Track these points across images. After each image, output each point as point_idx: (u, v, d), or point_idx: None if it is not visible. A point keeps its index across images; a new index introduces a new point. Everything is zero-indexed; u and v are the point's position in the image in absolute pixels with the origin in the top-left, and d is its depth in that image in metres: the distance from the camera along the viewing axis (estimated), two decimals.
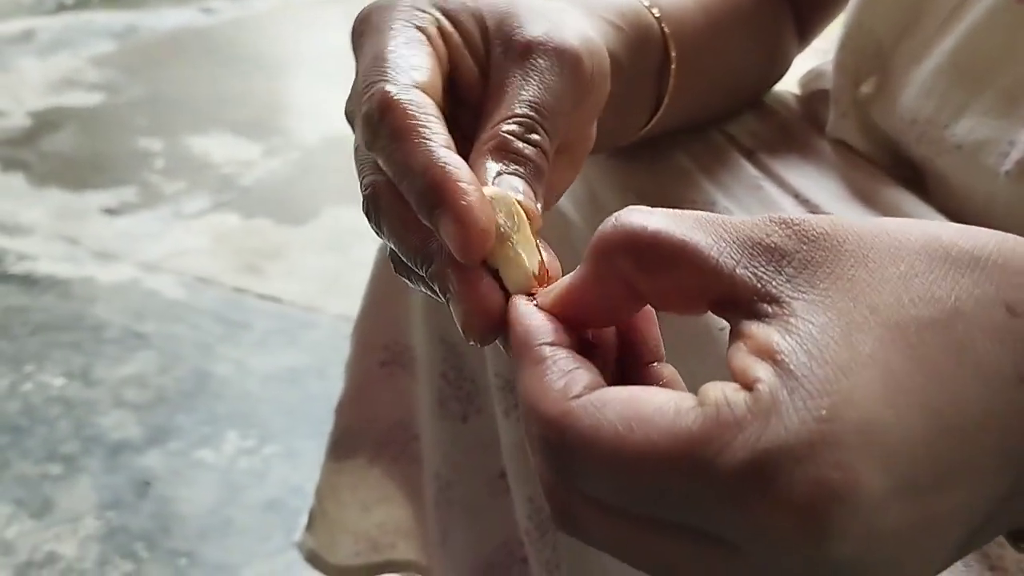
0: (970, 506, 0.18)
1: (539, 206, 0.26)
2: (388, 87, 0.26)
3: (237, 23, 2.92)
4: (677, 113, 0.43)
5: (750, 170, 0.46)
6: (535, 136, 0.27)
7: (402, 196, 0.25)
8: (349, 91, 0.29)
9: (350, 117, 0.29)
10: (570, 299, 0.22)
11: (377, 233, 0.28)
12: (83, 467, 1.02)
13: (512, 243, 0.24)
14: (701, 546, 0.18)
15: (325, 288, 1.46)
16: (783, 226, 0.19)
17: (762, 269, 0.19)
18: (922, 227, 0.20)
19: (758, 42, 0.48)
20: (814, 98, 0.53)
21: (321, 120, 2.11)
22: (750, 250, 0.19)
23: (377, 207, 0.27)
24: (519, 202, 0.25)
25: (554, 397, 0.19)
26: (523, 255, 0.24)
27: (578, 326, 0.22)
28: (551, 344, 0.21)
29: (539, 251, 0.25)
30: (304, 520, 0.68)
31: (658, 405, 0.18)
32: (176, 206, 1.72)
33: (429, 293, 0.27)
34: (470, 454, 0.57)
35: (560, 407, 0.19)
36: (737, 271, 0.19)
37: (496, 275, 0.24)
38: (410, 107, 0.25)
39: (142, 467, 1.03)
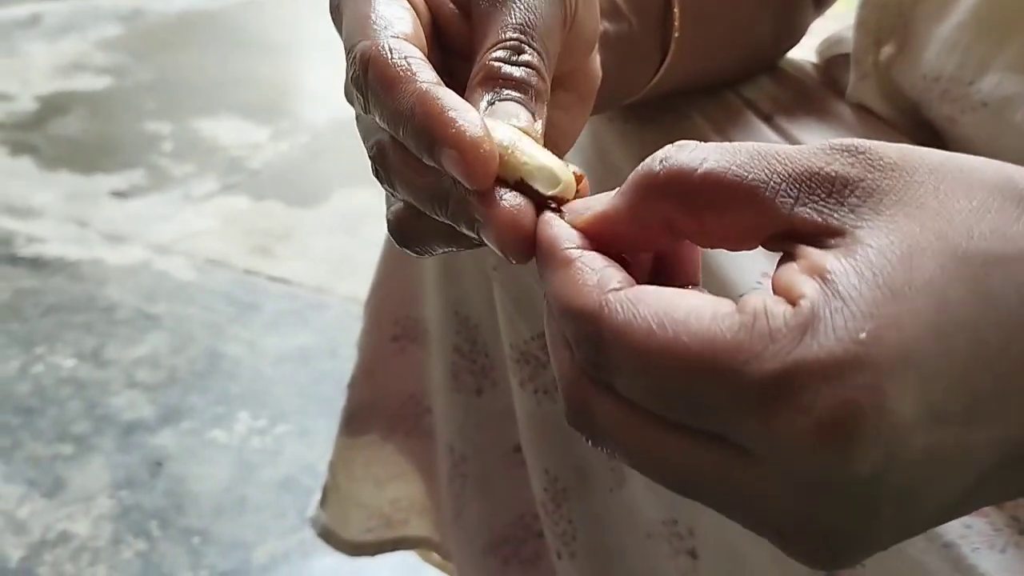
0: (996, 445, 0.18)
1: (539, 125, 0.25)
2: (365, 43, 0.25)
3: (245, 6, 2.90)
4: (685, 68, 0.42)
5: (769, 134, 0.45)
6: (524, 56, 0.26)
7: (405, 147, 0.25)
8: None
9: (349, 96, 0.28)
10: (602, 226, 0.21)
11: (391, 193, 0.27)
12: (95, 447, 1.02)
13: (521, 151, 0.23)
14: (719, 453, 0.18)
15: (335, 269, 1.46)
16: (846, 153, 0.19)
17: (823, 203, 0.18)
18: (996, 167, 0.19)
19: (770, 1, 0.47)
20: (833, 63, 0.52)
21: (329, 102, 2.10)
22: (808, 182, 0.18)
23: (384, 165, 0.26)
24: (519, 128, 0.24)
25: (589, 291, 0.19)
26: (537, 155, 0.23)
27: (606, 250, 0.21)
28: (579, 247, 0.21)
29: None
30: (317, 496, 0.68)
31: (693, 306, 0.18)
32: (185, 189, 1.71)
33: (445, 248, 0.27)
34: (484, 428, 0.56)
35: (596, 299, 0.19)
36: (796, 209, 0.18)
37: (522, 188, 0.23)
38: (392, 56, 0.24)
39: (155, 446, 1.03)
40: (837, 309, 0.16)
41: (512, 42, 0.26)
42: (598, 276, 0.19)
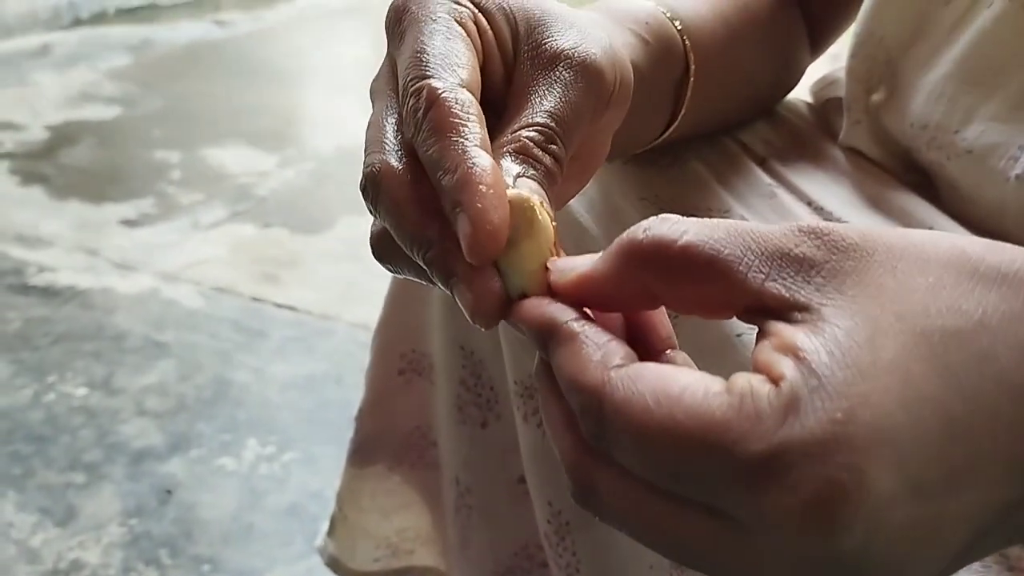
0: (977, 511, 0.18)
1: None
2: (435, 83, 0.26)
3: (251, 36, 2.95)
4: (692, 122, 0.44)
5: (763, 177, 0.47)
6: (553, 147, 0.28)
7: (409, 182, 0.26)
8: (376, 74, 0.30)
9: (374, 96, 0.29)
10: (584, 286, 0.23)
11: (371, 211, 0.28)
12: (106, 475, 1.03)
13: (519, 250, 0.25)
14: (713, 523, 0.19)
15: (341, 296, 1.48)
16: (812, 236, 0.20)
17: (791, 280, 0.19)
18: (950, 240, 0.20)
19: (773, 52, 0.49)
20: (827, 106, 0.54)
21: (335, 131, 2.13)
22: (779, 261, 0.20)
23: (377, 187, 0.27)
24: (540, 204, 0.25)
25: (594, 367, 0.20)
26: (527, 261, 0.24)
27: (584, 306, 0.23)
28: (579, 320, 0.22)
29: (553, 252, 0.25)
30: (325, 526, 0.69)
31: (687, 384, 0.19)
32: (193, 217, 1.74)
33: (414, 277, 0.28)
34: (489, 460, 0.57)
35: (600, 376, 0.20)
36: (766, 284, 0.20)
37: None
38: (455, 106, 0.26)
39: (164, 474, 1.04)
40: (814, 388, 0.17)
41: (546, 130, 0.27)
42: (602, 353, 0.21)
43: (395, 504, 0.66)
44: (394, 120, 0.28)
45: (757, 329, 0.20)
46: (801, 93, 0.56)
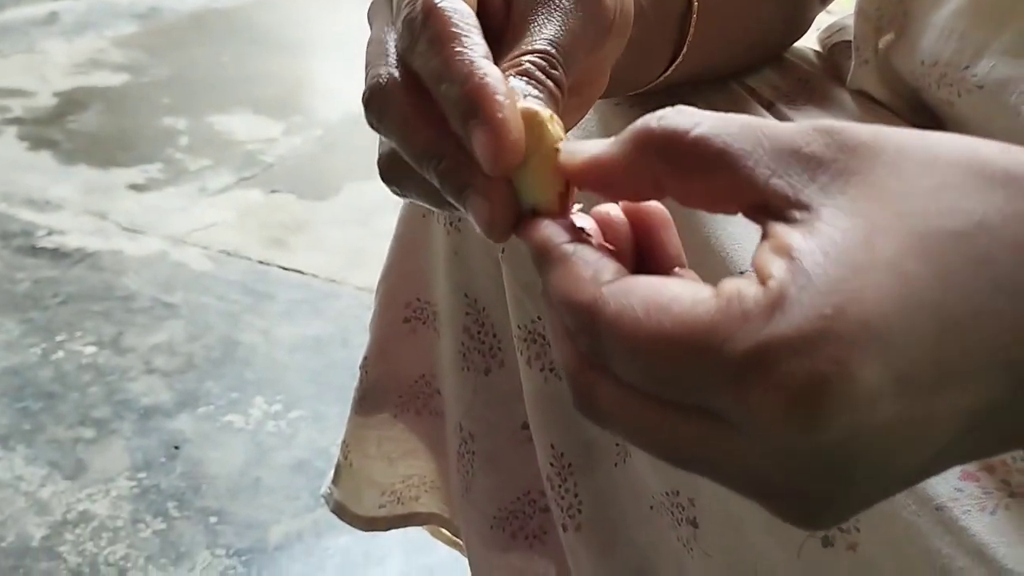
0: (965, 411, 0.18)
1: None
2: None
3: (258, 4, 2.93)
4: (695, 63, 0.44)
5: (770, 121, 0.47)
6: (555, 72, 0.28)
7: (414, 93, 0.26)
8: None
9: (372, 17, 0.29)
10: (593, 169, 0.23)
11: (374, 126, 0.27)
12: (115, 430, 1.05)
13: (529, 164, 0.24)
14: (704, 426, 0.19)
15: (347, 261, 1.48)
16: (823, 134, 0.20)
17: (796, 178, 0.19)
18: (964, 142, 0.20)
19: None
20: (835, 51, 0.53)
21: (342, 98, 2.12)
22: (787, 158, 0.20)
23: (384, 98, 0.27)
24: (550, 117, 0.25)
25: (585, 284, 0.20)
26: (537, 175, 0.24)
27: (590, 190, 0.22)
28: (571, 242, 0.22)
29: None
30: (330, 474, 0.70)
31: (675, 294, 0.19)
32: (201, 182, 1.74)
33: (422, 200, 0.28)
34: (492, 407, 0.58)
35: (591, 292, 0.20)
36: (771, 181, 0.20)
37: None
38: (453, 16, 0.25)
39: (172, 430, 1.05)
40: (803, 287, 0.17)
41: (548, 56, 0.27)
42: (592, 270, 0.21)
43: (400, 451, 0.67)
44: (395, 36, 0.28)
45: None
46: (809, 43, 0.55)
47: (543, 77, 0.27)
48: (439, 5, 0.26)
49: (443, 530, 0.79)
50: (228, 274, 1.42)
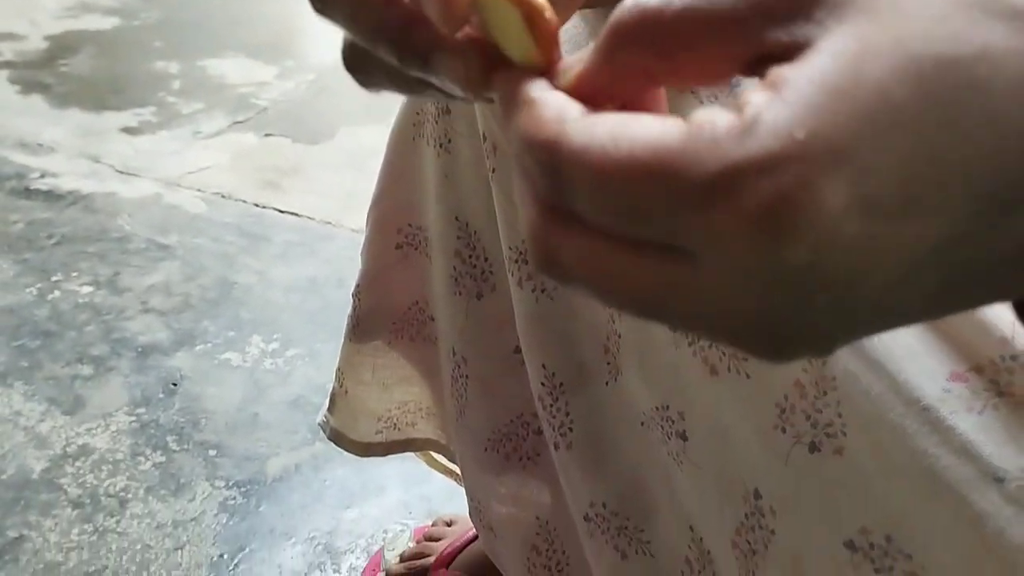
0: (933, 240, 0.18)
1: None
2: None
3: None
4: None
5: None
6: None
7: None
8: None
9: None
10: (584, 83, 0.22)
11: (325, 16, 0.26)
12: (113, 368, 1.05)
13: (499, 13, 0.23)
14: (669, 264, 0.19)
15: (342, 204, 1.48)
16: None
17: (791, 22, 0.19)
18: None
19: None
20: None
21: (335, 42, 2.08)
22: (777, 2, 0.19)
23: None
24: None
25: (547, 122, 0.20)
26: (511, 24, 0.22)
27: (585, 106, 0.22)
28: (536, 86, 0.21)
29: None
30: (326, 403, 0.71)
31: (645, 124, 0.18)
32: (194, 126, 1.72)
33: (390, 86, 0.27)
34: (485, 331, 0.58)
35: (554, 129, 0.19)
36: (767, 32, 0.19)
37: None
38: None
39: (170, 368, 1.06)
40: (779, 111, 0.17)
41: None
42: (556, 110, 0.20)
43: (395, 378, 0.68)
44: None
45: None
46: None
47: None
48: None
49: (439, 459, 0.80)
50: (223, 216, 1.42)
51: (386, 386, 0.68)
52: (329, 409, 0.70)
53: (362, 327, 0.65)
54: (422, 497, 0.89)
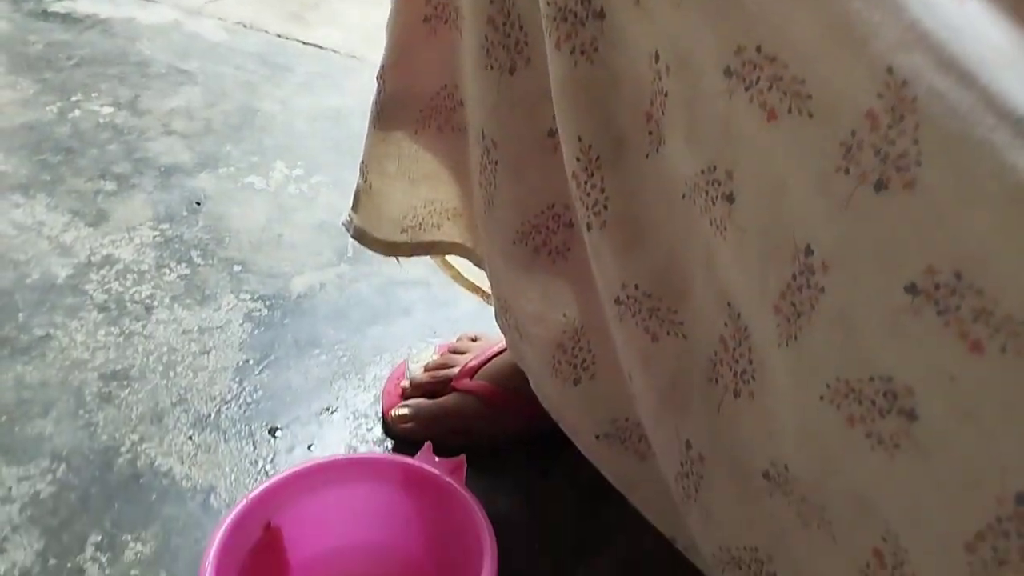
0: None
1: None
2: None
3: None
4: None
5: None
6: None
7: None
8: None
9: None
10: None
11: None
12: (136, 185, 1.04)
13: None
14: None
15: (366, 38, 1.42)
16: None
17: None
18: None
19: None
20: None
21: None
22: None
23: None
24: None
25: None
26: None
27: None
28: None
29: None
30: (350, 202, 0.68)
31: None
32: None
33: None
34: (517, 109, 0.54)
35: None
36: None
37: None
38: None
39: (194, 188, 1.04)
40: None
41: None
42: None
43: (421, 172, 0.65)
44: None
45: None
46: None
47: None
48: None
49: (465, 274, 0.78)
50: (245, 46, 1.37)
51: (412, 180, 0.65)
52: (353, 207, 0.68)
53: (387, 113, 0.62)
54: (447, 320, 0.88)
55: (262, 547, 0.52)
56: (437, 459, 0.56)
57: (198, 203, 1.01)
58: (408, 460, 0.56)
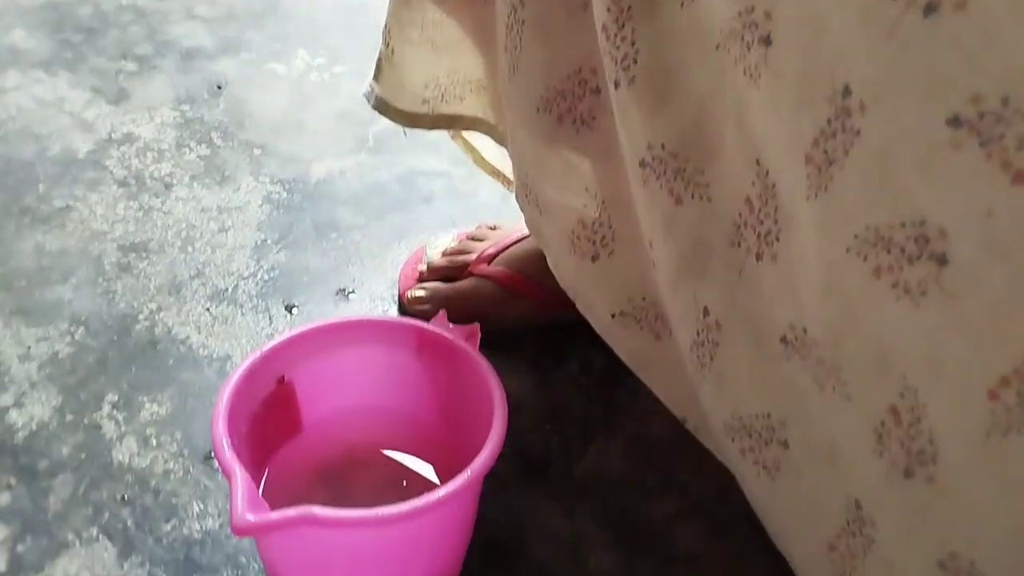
0: None
1: None
2: None
3: None
4: None
5: None
6: None
7: None
8: None
9: None
10: None
11: None
12: (157, 66, 1.02)
13: None
14: None
15: None
16: None
17: None
18: None
19: None
20: None
21: None
22: None
23: None
24: None
25: None
26: None
27: None
28: None
29: None
30: (372, 72, 0.67)
31: None
32: None
33: None
34: None
35: None
36: None
37: None
38: None
39: (215, 72, 1.03)
40: None
41: None
42: None
43: (445, 39, 0.63)
44: None
45: None
46: None
47: None
48: None
49: (487, 157, 0.76)
50: None
51: (435, 47, 0.63)
52: (375, 76, 0.66)
53: None
54: (467, 209, 0.87)
55: (275, 400, 0.53)
56: (452, 326, 0.56)
57: (219, 87, 1.00)
58: (423, 324, 0.55)
